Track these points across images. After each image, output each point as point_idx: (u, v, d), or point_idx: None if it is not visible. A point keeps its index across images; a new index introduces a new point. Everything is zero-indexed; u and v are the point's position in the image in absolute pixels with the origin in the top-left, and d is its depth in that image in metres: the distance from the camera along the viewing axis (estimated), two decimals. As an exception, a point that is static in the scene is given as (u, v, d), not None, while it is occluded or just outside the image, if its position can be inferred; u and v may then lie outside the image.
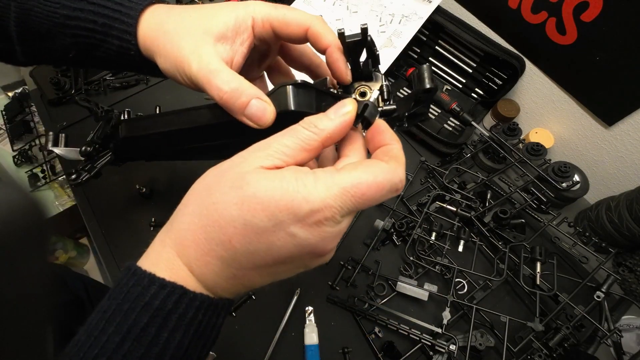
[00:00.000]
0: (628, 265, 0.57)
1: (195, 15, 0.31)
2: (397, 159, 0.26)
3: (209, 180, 0.25)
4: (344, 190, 0.23)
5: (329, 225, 0.24)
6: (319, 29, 0.31)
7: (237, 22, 0.31)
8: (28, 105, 1.09)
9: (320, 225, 0.23)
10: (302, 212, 0.23)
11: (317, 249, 0.24)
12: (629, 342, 0.56)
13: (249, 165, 0.24)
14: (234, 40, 0.31)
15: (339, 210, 0.23)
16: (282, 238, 0.23)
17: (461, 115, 0.69)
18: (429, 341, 0.49)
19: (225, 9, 0.31)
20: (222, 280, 0.25)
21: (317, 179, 0.23)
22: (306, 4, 0.76)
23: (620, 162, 0.62)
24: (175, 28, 0.31)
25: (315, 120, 0.25)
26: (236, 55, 0.31)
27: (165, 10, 0.33)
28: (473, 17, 0.72)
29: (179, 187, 0.61)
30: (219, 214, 0.23)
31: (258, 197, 0.23)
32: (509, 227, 0.58)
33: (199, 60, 0.29)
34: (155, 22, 0.33)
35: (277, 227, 0.23)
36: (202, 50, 0.29)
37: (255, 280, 0.26)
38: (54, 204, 1.07)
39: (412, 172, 0.65)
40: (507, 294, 0.57)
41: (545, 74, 0.65)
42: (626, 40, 0.52)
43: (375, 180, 0.23)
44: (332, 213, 0.23)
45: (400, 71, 0.77)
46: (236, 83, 0.28)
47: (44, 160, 1.05)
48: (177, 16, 0.32)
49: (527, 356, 0.50)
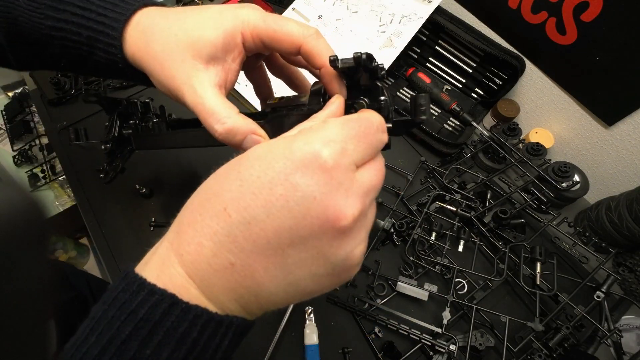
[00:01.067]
0: (628, 265, 0.57)
1: (181, 34, 0.29)
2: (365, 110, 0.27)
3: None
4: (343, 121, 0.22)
5: (340, 170, 0.20)
6: (312, 47, 0.29)
7: (226, 40, 0.29)
8: (28, 105, 1.09)
9: (328, 170, 0.20)
10: (300, 154, 0.20)
11: (329, 209, 0.20)
12: (629, 342, 0.56)
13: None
14: (224, 60, 0.30)
15: (344, 142, 0.21)
16: (282, 193, 0.20)
17: (461, 115, 0.69)
18: (429, 341, 0.49)
19: (211, 22, 0.29)
20: (217, 274, 0.21)
21: (314, 126, 0.22)
22: (306, 4, 0.76)
23: (620, 162, 0.62)
24: (164, 50, 0.29)
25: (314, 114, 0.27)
26: (229, 74, 0.31)
27: (150, 22, 0.31)
28: (473, 17, 0.72)
29: (179, 187, 0.61)
30: (217, 182, 0.22)
31: (257, 152, 0.21)
32: (509, 227, 0.58)
33: (192, 93, 0.29)
34: (141, 39, 0.31)
35: (275, 180, 0.20)
36: (194, 80, 0.29)
37: (260, 277, 0.21)
38: (54, 204, 1.07)
39: (412, 172, 0.65)
40: (507, 294, 0.57)
41: (545, 74, 0.65)
42: (626, 40, 0.52)
43: (360, 115, 0.24)
44: (339, 148, 0.20)
45: (400, 71, 0.77)
46: (230, 123, 0.28)
47: (44, 160, 1.05)
48: (162, 33, 0.30)
49: (527, 356, 0.50)
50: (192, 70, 0.29)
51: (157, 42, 0.30)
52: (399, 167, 0.66)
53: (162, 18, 0.31)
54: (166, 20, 0.30)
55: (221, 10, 0.30)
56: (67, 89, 0.70)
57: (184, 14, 0.30)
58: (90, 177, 0.62)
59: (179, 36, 0.29)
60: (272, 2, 0.85)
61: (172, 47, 0.29)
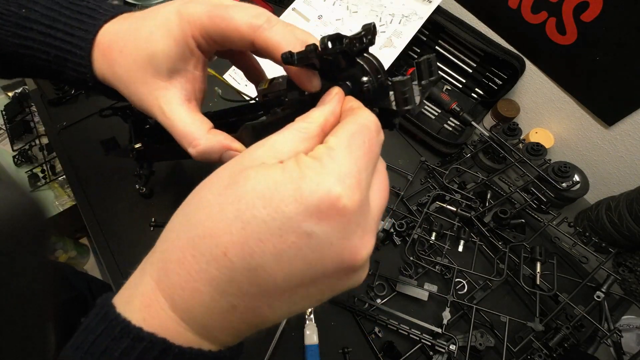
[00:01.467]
0: (628, 265, 0.57)
1: (136, 54, 0.27)
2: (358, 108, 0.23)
3: (202, 185, 0.21)
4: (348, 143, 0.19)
5: (356, 209, 0.18)
6: (264, 41, 0.25)
7: (179, 49, 0.27)
8: (28, 105, 1.09)
9: (346, 213, 0.18)
10: (315, 199, 0.17)
11: (345, 251, 0.19)
12: (629, 342, 0.56)
13: (249, 161, 0.20)
14: (186, 70, 0.28)
15: (357, 173, 0.19)
16: (295, 241, 0.18)
17: (461, 115, 0.69)
18: (429, 341, 0.49)
19: (160, 32, 0.27)
20: (216, 317, 0.19)
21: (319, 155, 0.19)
22: (306, 4, 0.76)
23: (620, 162, 0.62)
24: (125, 73, 0.28)
25: (309, 113, 0.23)
26: (195, 83, 0.29)
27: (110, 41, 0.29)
28: (473, 17, 0.72)
29: (179, 187, 0.61)
30: (212, 219, 0.18)
31: (258, 190, 0.18)
32: (509, 227, 0.58)
33: (162, 114, 0.28)
34: (105, 61, 0.30)
35: (286, 226, 0.18)
36: (161, 101, 0.28)
37: (264, 313, 0.19)
38: (54, 204, 1.07)
39: (412, 172, 0.65)
40: (507, 294, 0.57)
41: (545, 74, 0.65)
42: (626, 40, 0.52)
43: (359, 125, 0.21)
44: (354, 182, 0.18)
45: (400, 71, 0.77)
46: (202, 145, 0.27)
47: (44, 160, 1.06)
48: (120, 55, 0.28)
49: (527, 356, 0.50)
50: (155, 91, 0.28)
51: (119, 65, 0.28)
52: (399, 167, 0.66)
53: (120, 32, 0.29)
54: (123, 35, 0.29)
55: (167, 13, 0.27)
56: (67, 89, 0.70)
57: (138, 24, 0.28)
58: (90, 177, 0.62)
59: (134, 56, 0.28)
60: (272, 2, 0.85)
61: (132, 67, 0.28)
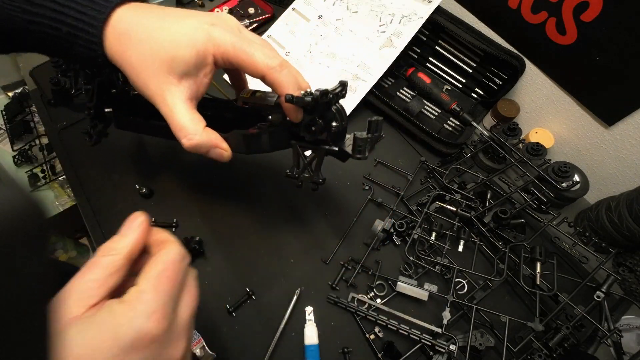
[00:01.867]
0: (628, 265, 0.57)
1: (157, 49, 0.31)
2: (165, 242, 0.27)
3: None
4: (155, 282, 0.24)
5: (167, 331, 0.23)
6: (273, 79, 0.33)
7: (199, 59, 0.32)
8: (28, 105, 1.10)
9: (158, 339, 0.23)
10: (129, 339, 0.22)
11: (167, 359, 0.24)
12: (629, 342, 0.56)
13: (66, 314, 0.22)
14: (196, 75, 0.33)
15: (163, 306, 0.23)
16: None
17: (461, 115, 0.69)
18: (429, 341, 0.49)
19: (185, 40, 0.31)
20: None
21: (130, 299, 0.23)
22: (306, 4, 0.76)
23: (620, 162, 0.62)
24: (140, 60, 0.31)
25: (111, 244, 0.26)
26: (200, 87, 0.34)
27: (128, 27, 0.32)
28: (473, 17, 0.72)
29: (179, 187, 0.61)
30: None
31: (81, 353, 0.21)
32: (509, 227, 0.58)
33: (164, 105, 0.32)
34: (119, 44, 0.32)
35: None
36: (167, 94, 0.32)
37: None
38: (54, 204, 1.07)
39: (412, 172, 0.65)
40: (507, 294, 0.57)
41: (545, 74, 0.65)
42: (626, 40, 0.52)
43: (166, 262, 0.25)
44: (160, 315, 0.23)
45: (400, 71, 0.77)
46: (196, 139, 0.33)
47: (44, 160, 1.06)
48: (139, 44, 0.31)
49: (527, 356, 0.50)
50: (165, 84, 0.31)
51: (134, 51, 0.31)
52: (399, 167, 0.66)
53: (140, 25, 0.32)
54: (144, 28, 0.31)
55: (196, 27, 0.32)
56: (68, 88, 0.70)
57: (160, 23, 0.32)
58: (90, 177, 0.62)
59: (154, 50, 0.31)
60: (272, 2, 0.85)
61: (148, 60, 0.31)
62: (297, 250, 0.58)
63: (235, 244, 0.58)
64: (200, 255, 0.56)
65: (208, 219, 0.59)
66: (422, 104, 0.73)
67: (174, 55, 0.31)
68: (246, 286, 0.54)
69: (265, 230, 0.58)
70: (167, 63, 0.31)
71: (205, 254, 0.56)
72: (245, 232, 0.59)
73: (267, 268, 0.56)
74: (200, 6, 0.87)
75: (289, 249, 0.58)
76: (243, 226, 0.59)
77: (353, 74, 0.69)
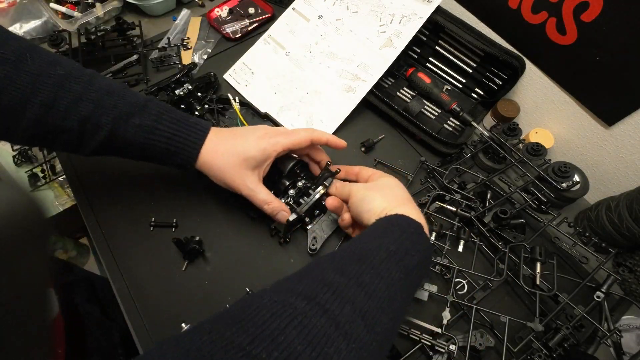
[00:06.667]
0: (628, 265, 0.57)
1: (236, 156, 0.47)
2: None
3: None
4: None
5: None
6: (314, 155, 0.56)
7: (264, 156, 0.49)
8: (28, 105, 1.09)
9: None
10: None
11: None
12: (629, 342, 0.56)
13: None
14: (262, 166, 0.50)
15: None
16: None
17: (461, 115, 0.69)
18: (429, 341, 0.49)
19: (254, 145, 0.48)
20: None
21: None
22: (306, 4, 0.76)
23: (620, 162, 0.62)
24: (225, 164, 0.48)
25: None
26: (263, 171, 0.50)
27: (214, 146, 0.48)
28: (473, 17, 0.72)
29: (180, 187, 0.61)
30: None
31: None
32: (509, 227, 0.58)
33: (247, 189, 0.49)
34: (209, 157, 0.48)
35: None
36: (247, 181, 0.48)
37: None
38: (54, 203, 1.07)
39: (412, 172, 0.65)
40: (507, 294, 0.57)
41: (545, 74, 0.65)
42: (626, 40, 0.52)
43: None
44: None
45: (400, 71, 0.77)
46: (272, 206, 0.50)
47: (44, 160, 1.05)
48: (223, 155, 0.48)
49: (527, 356, 0.50)
50: (244, 176, 0.48)
51: (221, 160, 0.48)
52: (398, 167, 0.66)
53: (221, 144, 0.48)
54: (224, 145, 0.48)
55: (260, 137, 0.49)
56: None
57: (233, 141, 0.48)
58: (90, 177, 0.62)
59: (234, 157, 0.48)
60: (272, 2, 0.85)
61: (231, 163, 0.48)
62: (297, 250, 0.58)
63: (235, 244, 0.58)
64: (200, 255, 0.56)
65: (208, 219, 0.59)
66: (422, 104, 0.73)
67: (248, 156, 0.48)
68: (246, 286, 0.54)
69: (265, 230, 0.59)
70: (243, 162, 0.48)
71: (205, 254, 0.56)
72: (245, 232, 0.59)
73: (267, 268, 0.56)
74: (201, 6, 0.87)
75: (289, 249, 0.58)
76: (243, 226, 0.59)
77: (353, 74, 0.69)
